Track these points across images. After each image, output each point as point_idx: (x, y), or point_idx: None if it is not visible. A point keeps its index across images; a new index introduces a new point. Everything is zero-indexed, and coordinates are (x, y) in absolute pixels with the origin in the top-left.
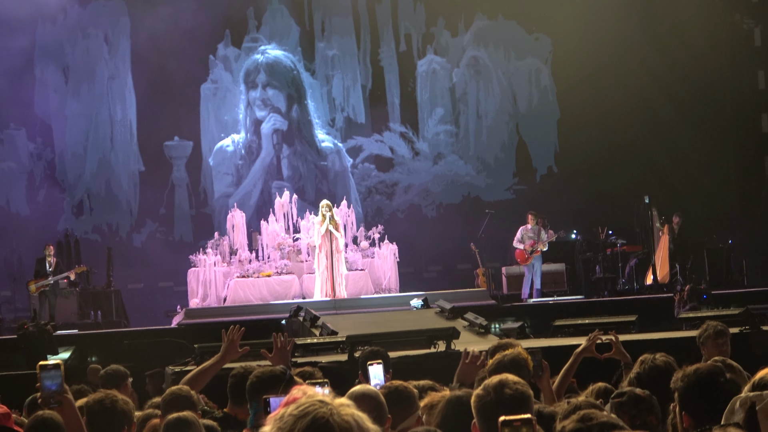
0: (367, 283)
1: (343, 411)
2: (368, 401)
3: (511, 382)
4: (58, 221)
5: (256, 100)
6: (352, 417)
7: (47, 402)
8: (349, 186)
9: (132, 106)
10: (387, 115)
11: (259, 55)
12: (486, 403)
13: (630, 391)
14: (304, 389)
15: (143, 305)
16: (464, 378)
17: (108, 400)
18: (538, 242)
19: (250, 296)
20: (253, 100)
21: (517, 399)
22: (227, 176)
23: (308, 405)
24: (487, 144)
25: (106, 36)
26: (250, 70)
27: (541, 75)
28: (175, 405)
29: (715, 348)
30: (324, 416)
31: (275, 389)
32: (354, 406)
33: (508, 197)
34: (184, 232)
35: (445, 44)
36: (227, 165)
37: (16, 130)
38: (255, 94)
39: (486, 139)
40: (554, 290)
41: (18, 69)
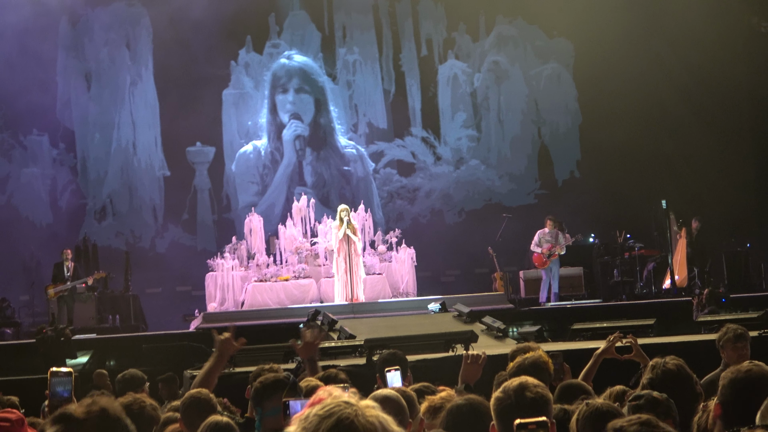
0: (384, 287)
1: (368, 412)
2: (391, 404)
3: (532, 385)
4: (81, 226)
5: (286, 104)
6: (377, 419)
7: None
8: (371, 191)
9: (155, 111)
10: (408, 120)
11: (286, 59)
12: (506, 406)
13: (648, 393)
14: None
15: (161, 310)
16: (468, 378)
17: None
18: (556, 246)
19: (268, 300)
20: (282, 104)
21: (537, 402)
22: (253, 185)
23: (333, 406)
24: (509, 149)
25: (127, 42)
26: (279, 75)
27: (562, 79)
28: (195, 409)
29: (734, 351)
30: (349, 417)
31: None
32: (379, 408)
33: (529, 202)
34: (206, 237)
35: (466, 49)
36: (252, 173)
37: (39, 136)
38: (286, 98)
39: (508, 144)
40: (572, 294)
41: (41, 75)
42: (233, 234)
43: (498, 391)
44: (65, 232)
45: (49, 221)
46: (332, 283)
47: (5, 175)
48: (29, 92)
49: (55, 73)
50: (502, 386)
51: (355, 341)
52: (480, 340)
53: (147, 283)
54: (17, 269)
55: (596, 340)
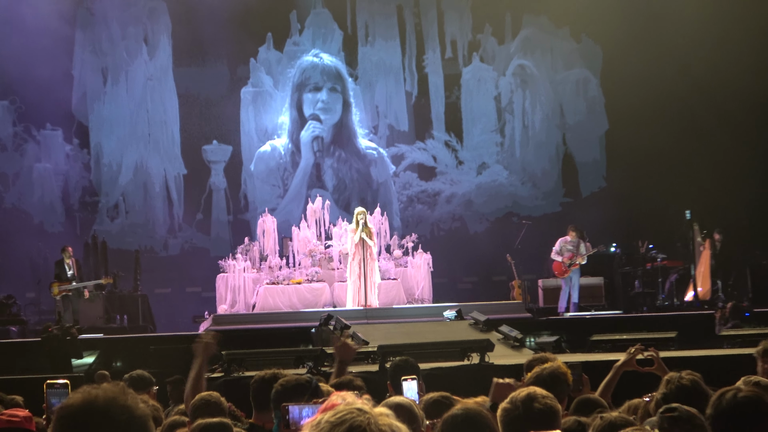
0: (399, 292)
1: (381, 420)
2: (403, 412)
3: (540, 396)
4: (93, 224)
5: (317, 102)
6: (390, 428)
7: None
8: (391, 195)
9: (173, 108)
10: (430, 123)
11: (314, 58)
12: (514, 417)
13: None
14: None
15: (170, 311)
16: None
17: None
18: (577, 255)
19: (280, 303)
20: (312, 102)
21: (545, 413)
22: (275, 188)
23: (346, 413)
24: (533, 155)
25: (145, 36)
26: (309, 73)
27: (589, 85)
28: (204, 411)
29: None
30: (361, 425)
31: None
32: (393, 415)
33: (553, 210)
34: (221, 238)
35: (491, 52)
36: (273, 176)
37: (53, 131)
38: (318, 96)
39: (532, 149)
40: (592, 304)
41: (56, 68)
42: (249, 236)
43: (505, 402)
44: (77, 230)
45: (60, 218)
46: (346, 287)
47: (17, 169)
48: (44, 86)
49: (72, 67)
50: (509, 396)
51: (368, 347)
52: (496, 350)
53: (156, 283)
54: (25, 266)
55: (616, 352)
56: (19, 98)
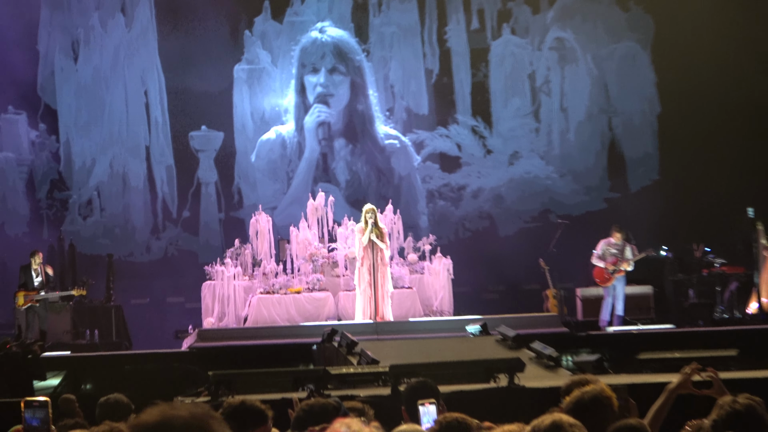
0: (415, 303)
1: None
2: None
3: (567, 425)
4: (62, 223)
5: (316, 86)
6: None
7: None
8: (416, 190)
9: (155, 88)
10: (454, 106)
11: (317, 32)
12: None
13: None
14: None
15: (149, 324)
16: None
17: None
18: (622, 260)
19: (276, 316)
20: (311, 86)
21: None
22: (278, 182)
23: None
24: (574, 142)
25: (123, 5)
26: (309, 51)
27: (638, 60)
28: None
29: None
30: None
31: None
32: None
33: (597, 207)
34: (211, 239)
35: (524, 22)
36: (274, 167)
37: (16, 115)
38: (317, 79)
39: (572, 136)
40: (639, 317)
41: (19, 43)
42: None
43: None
44: (44, 230)
45: (24, 217)
46: (353, 297)
47: None
48: (5, 63)
49: (36, 40)
50: (532, 425)
51: (379, 367)
52: (527, 370)
53: (133, 291)
54: None
55: (667, 373)
56: None
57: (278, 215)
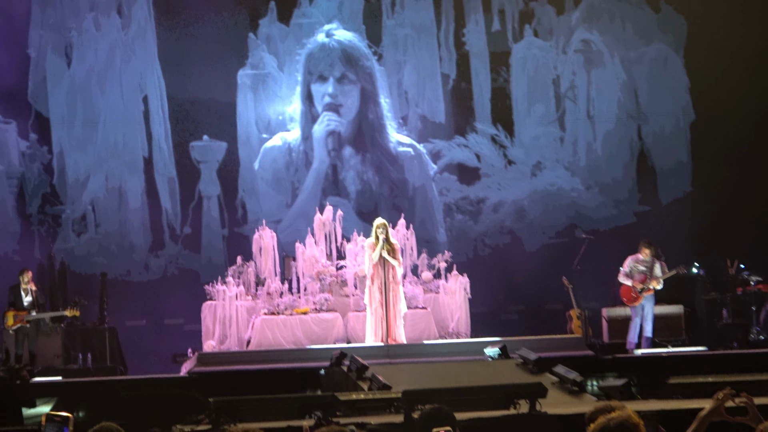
0: (429, 324)
1: None
2: None
3: None
4: (55, 240)
5: (324, 96)
6: None
7: None
8: (432, 202)
9: (155, 95)
10: (473, 113)
11: (325, 36)
12: None
13: None
14: None
15: (145, 347)
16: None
17: None
18: (651, 278)
19: (281, 339)
20: (319, 95)
21: None
22: (279, 194)
23: None
24: (601, 152)
25: (119, 6)
26: (316, 57)
27: (670, 64)
28: None
29: None
30: None
31: None
32: None
33: (625, 221)
34: (213, 257)
35: (548, 23)
36: (282, 179)
37: (5, 124)
38: (324, 88)
39: (599, 145)
40: (669, 339)
41: (8, 47)
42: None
43: None
44: (35, 248)
45: (14, 233)
46: (363, 318)
47: None
48: None
49: (27, 45)
50: None
51: (391, 393)
52: (550, 395)
53: (128, 312)
54: None
55: (699, 399)
56: None
57: (283, 230)
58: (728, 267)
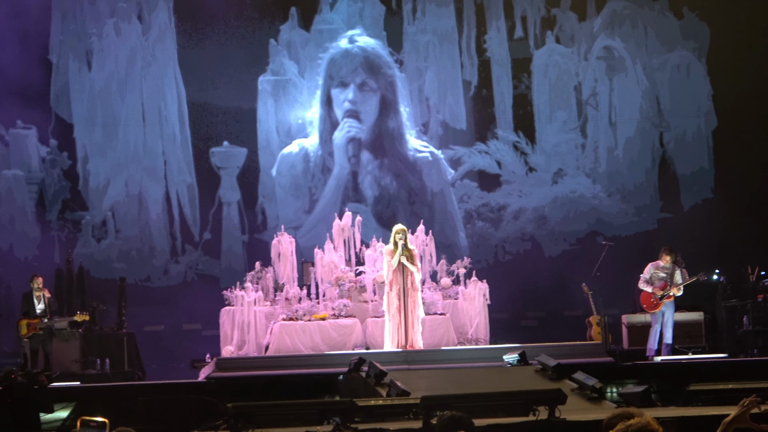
0: (448, 330)
1: None
2: None
3: None
4: (75, 245)
5: (344, 102)
6: None
7: None
8: (450, 207)
9: (174, 101)
10: (494, 120)
11: (347, 42)
12: None
13: None
14: None
15: (163, 353)
16: None
17: None
18: (671, 285)
19: (299, 344)
20: (339, 101)
21: None
22: (300, 200)
23: None
24: (623, 159)
25: (140, 12)
26: (338, 63)
27: (693, 72)
28: None
29: None
30: None
31: None
32: None
33: (646, 228)
34: (233, 262)
35: (570, 30)
36: (300, 185)
37: (26, 129)
38: (345, 94)
39: (620, 152)
40: (689, 346)
41: (29, 53)
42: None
43: None
44: (54, 253)
45: (34, 239)
46: (382, 324)
47: None
48: (13, 75)
49: (48, 51)
50: None
51: (409, 399)
52: (569, 402)
53: (146, 318)
54: None
55: (721, 406)
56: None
57: (303, 236)
58: (749, 274)
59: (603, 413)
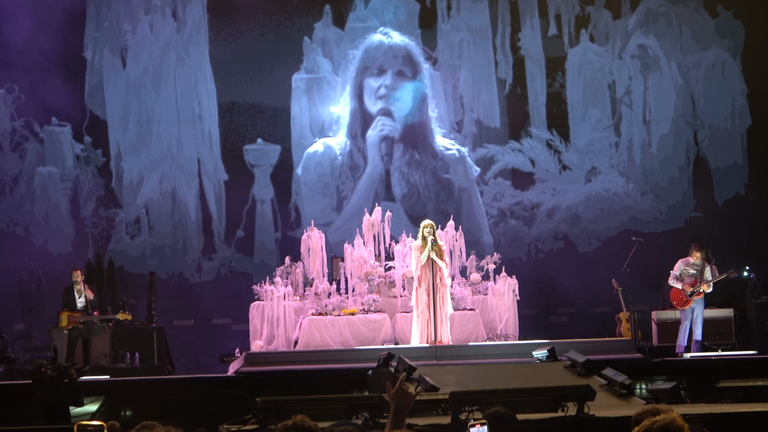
0: (477, 326)
1: None
2: None
3: None
4: (109, 242)
5: (380, 88)
6: None
7: None
8: (476, 204)
9: (208, 98)
10: (528, 118)
11: (382, 36)
12: None
13: None
14: None
15: (193, 347)
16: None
17: None
18: (701, 282)
19: (328, 339)
20: (372, 90)
21: None
22: (328, 198)
23: None
24: (657, 157)
25: (174, 9)
26: (374, 54)
27: (728, 70)
28: None
29: None
30: None
31: None
32: None
33: (678, 225)
34: (267, 259)
35: (604, 28)
36: (326, 183)
37: (60, 126)
38: (381, 81)
39: (655, 150)
40: (719, 343)
41: (63, 50)
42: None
43: None
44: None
45: (69, 235)
46: (410, 319)
47: (15, 174)
48: (49, 72)
49: (83, 47)
50: None
51: (438, 394)
52: (598, 398)
53: (176, 312)
54: (12, 292)
55: (749, 403)
56: (18, 87)
57: (332, 233)
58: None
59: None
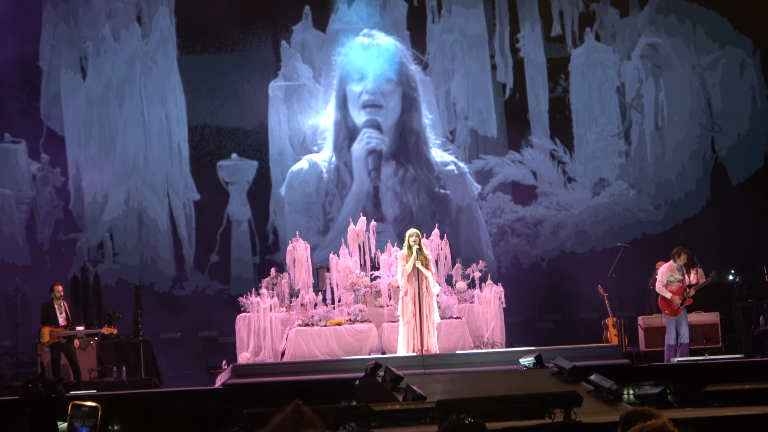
0: (464, 334)
1: None
2: None
3: None
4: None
5: (362, 95)
6: None
7: None
8: (477, 223)
9: (177, 109)
10: (529, 126)
11: (365, 38)
12: None
13: None
14: None
15: (180, 360)
16: None
17: None
18: (687, 287)
19: (315, 350)
20: (354, 98)
21: None
22: (309, 221)
23: None
24: (671, 166)
25: (139, 13)
26: (354, 58)
27: (746, 70)
28: None
29: None
30: None
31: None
32: None
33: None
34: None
35: (610, 26)
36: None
37: (14, 144)
38: (362, 87)
39: (668, 159)
40: (705, 347)
41: (16, 59)
42: None
43: None
44: (47, 276)
45: (25, 263)
46: (397, 329)
47: None
48: (0, 81)
49: (38, 56)
50: None
51: (425, 403)
52: (585, 404)
53: (162, 325)
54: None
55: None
56: None
57: (318, 254)
58: (765, 273)
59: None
